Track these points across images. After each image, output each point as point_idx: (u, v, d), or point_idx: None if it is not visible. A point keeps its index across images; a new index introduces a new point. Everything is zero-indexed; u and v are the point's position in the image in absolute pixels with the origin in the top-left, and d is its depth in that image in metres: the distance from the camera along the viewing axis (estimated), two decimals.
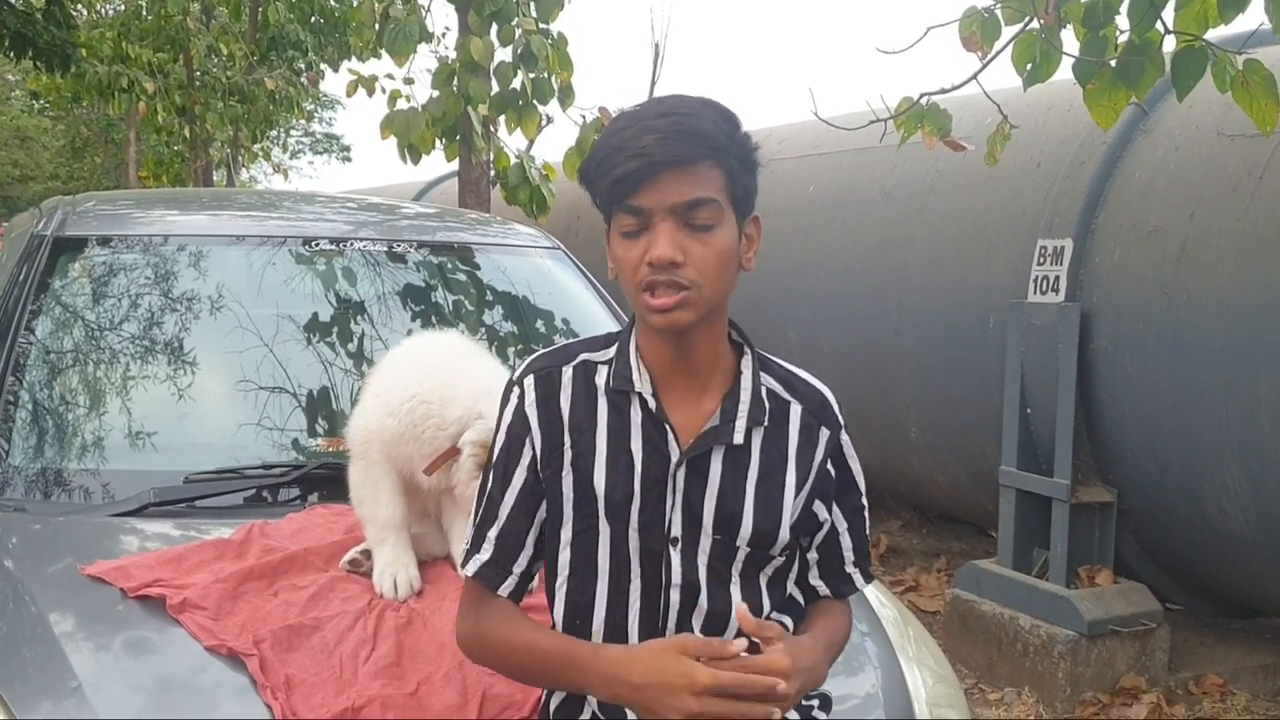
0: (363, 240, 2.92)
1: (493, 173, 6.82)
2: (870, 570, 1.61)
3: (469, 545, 1.52)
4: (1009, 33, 3.21)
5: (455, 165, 6.88)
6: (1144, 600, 4.11)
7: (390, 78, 6.82)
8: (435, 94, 6.32)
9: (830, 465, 1.51)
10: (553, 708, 1.53)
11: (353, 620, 1.77)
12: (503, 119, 6.43)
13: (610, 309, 3.05)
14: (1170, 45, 3.08)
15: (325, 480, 2.28)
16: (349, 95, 6.95)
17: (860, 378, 5.21)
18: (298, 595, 1.84)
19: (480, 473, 1.61)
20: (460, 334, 2.28)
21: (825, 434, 1.50)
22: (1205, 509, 3.86)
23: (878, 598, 2.15)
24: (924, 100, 3.52)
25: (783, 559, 1.50)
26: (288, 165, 23.64)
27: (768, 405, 1.47)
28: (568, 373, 1.49)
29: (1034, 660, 4.10)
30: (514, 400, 1.50)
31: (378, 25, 6.23)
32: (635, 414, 1.44)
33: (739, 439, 1.43)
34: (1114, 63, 3.11)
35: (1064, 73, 3.24)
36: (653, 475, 1.42)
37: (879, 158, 5.30)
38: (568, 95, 6.45)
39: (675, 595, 1.43)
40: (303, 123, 23.42)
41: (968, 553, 5.61)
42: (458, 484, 1.87)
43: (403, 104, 6.55)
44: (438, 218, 3.49)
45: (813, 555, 1.55)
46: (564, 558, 1.47)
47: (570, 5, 6.29)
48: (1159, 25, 3.01)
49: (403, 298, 2.79)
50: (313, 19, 12.93)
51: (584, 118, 6.42)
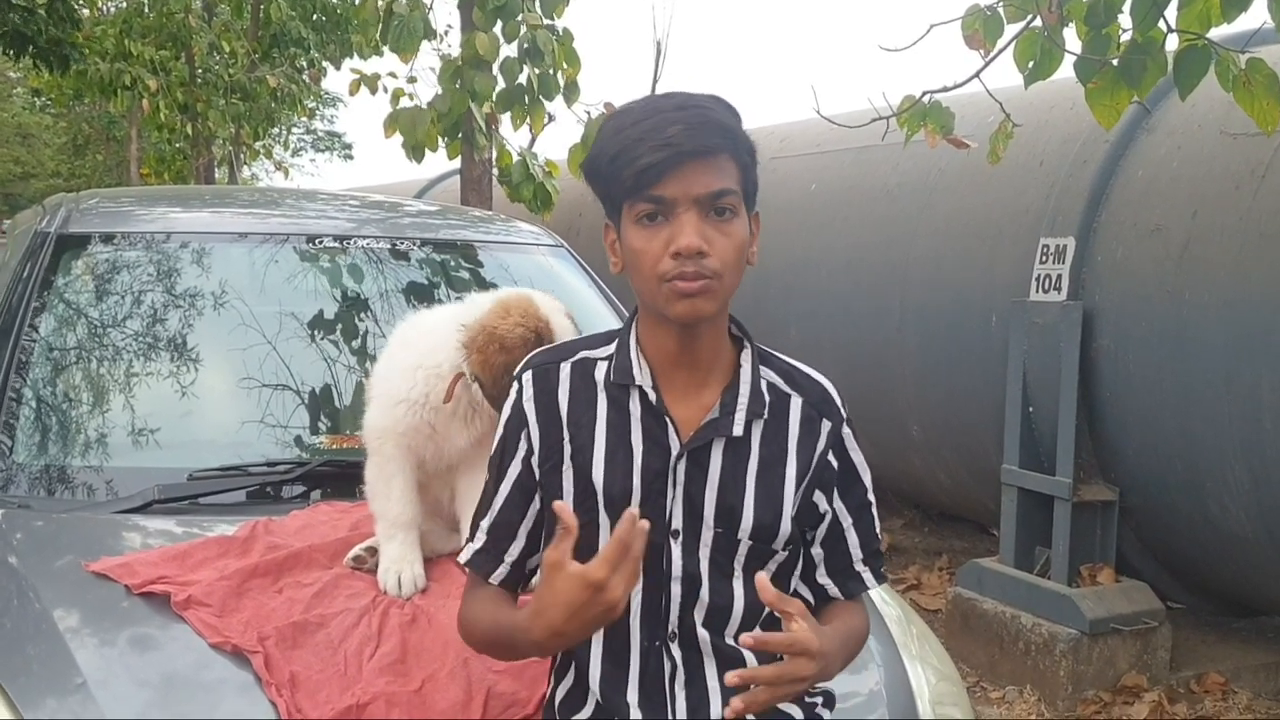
0: (365, 238, 2.93)
1: (495, 170, 6.82)
2: (882, 569, 1.58)
3: (467, 535, 1.55)
4: (1011, 31, 3.21)
5: (458, 163, 6.87)
6: (1146, 599, 4.11)
7: (393, 76, 6.81)
8: (440, 91, 6.31)
9: (832, 457, 1.50)
10: (556, 702, 1.54)
11: (357, 617, 1.77)
12: (508, 116, 6.43)
13: (613, 306, 3.05)
14: (1173, 44, 3.08)
15: (329, 477, 2.29)
16: (351, 94, 6.94)
17: (862, 376, 5.20)
18: (302, 592, 1.84)
19: (490, 378, 1.64)
20: (440, 306, 2.27)
21: (827, 425, 1.50)
22: (1207, 507, 3.86)
23: (880, 596, 2.14)
24: (926, 98, 3.52)
25: (785, 553, 1.49)
26: (289, 163, 23.66)
27: (768, 398, 1.47)
28: (566, 369, 1.50)
29: (1036, 659, 4.10)
30: (512, 395, 1.51)
31: (381, 22, 6.22)
32: (635, 408, 1.45)
33: (738, 431, 1.43)
34: (1116, 61, 3.11)
35: (1066, 71, 3.24)
36: (653, 469, 1.43)
37: (881, 156, 5.30)
38: (573, 91, 6.45)
39: (677, 588, 1.44)
40: (305, 120, 23.41)
41: (969, 551, 5.61)
42: (484, 407, 1.89)
43: (406, 102, 6.55)
44: (440, 215, 3.49)
45: (818, 551, 1.53)
46: None
47: (573, 2, 6.28)
48: (1161, 24, 3.01)
49: (405, 295, 2.79)
50: (315, 16, 12.93)
51: (589, 113, 6.41)
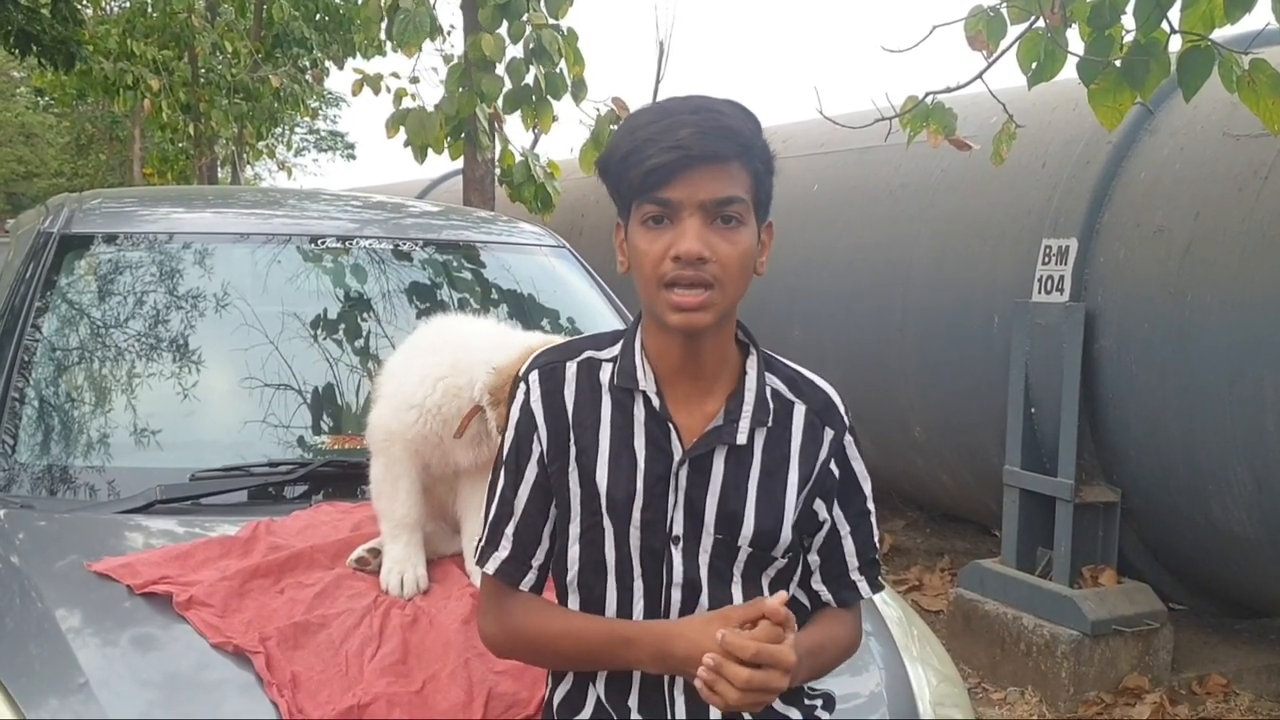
0: (368, 238, 2.93)
1: (498, 170, 6.82)
2: (879, 578, 1.57)
3: (484, 542, 1.51)
4: (1014, 32, 3.20)
5: (460, 163, 6.88)
6: (1147, 600, 4.11)
7: (395, 76, 6.82)
8: (446, 94, 6.31)
9: (834, 465, 1.49)
10: (555, 703, 1.54)
11: (358, 618, 1.77)
12: (514, 116, 6.43)
13: (615, 307, 3.05)
14: (1176, 45, 3.07)
15: (331, 477, 2.29)
16: (354, 94, 6.95)
17: (864, 376, 5.20)
18: (304, 593, 1.84)
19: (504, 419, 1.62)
20: (462, 315, 2.27)
21: (829, 434, 1.49)
22: (1209, 509, 3.85)
23: (881, 597, 2.14)
24: (929, 99, 3.52)
25: (785, 560, 1.49)
26: (292, 163, 23.68)
27: (772, 405, 1.46)
28: (571, 368, 1.48)
29: (1037, 660, 4.10)
30: (520, 396, 1.50)
31: (385, 18, 6.23)
32: (639, 412, 1.44)
33: (742, 439, 1.42)
34: (1119, 62, 3.11)
35: (1069, 72, 3.23)
36: (655, 474, 1.42)
37: (883, 156, 5.30)
38: (580, 90, 6.45)
39: (677, 594, 1.43)
40: (307, 120, 23.41)
41: (971, 552, 5.61)
42: (494, 438, 1.87)
43: (409, 102, 6.55)
44: (442, 215, 3.49)
45: (814, 558, 1.52)
46: (573, 553, 1.47)
47: (577, 2, 6.29)
48: (1165, 25, 3.00)
49: (408, 295, 2.80)
50: (317, 16, 12.95)
51: (598, 110, 6.42)
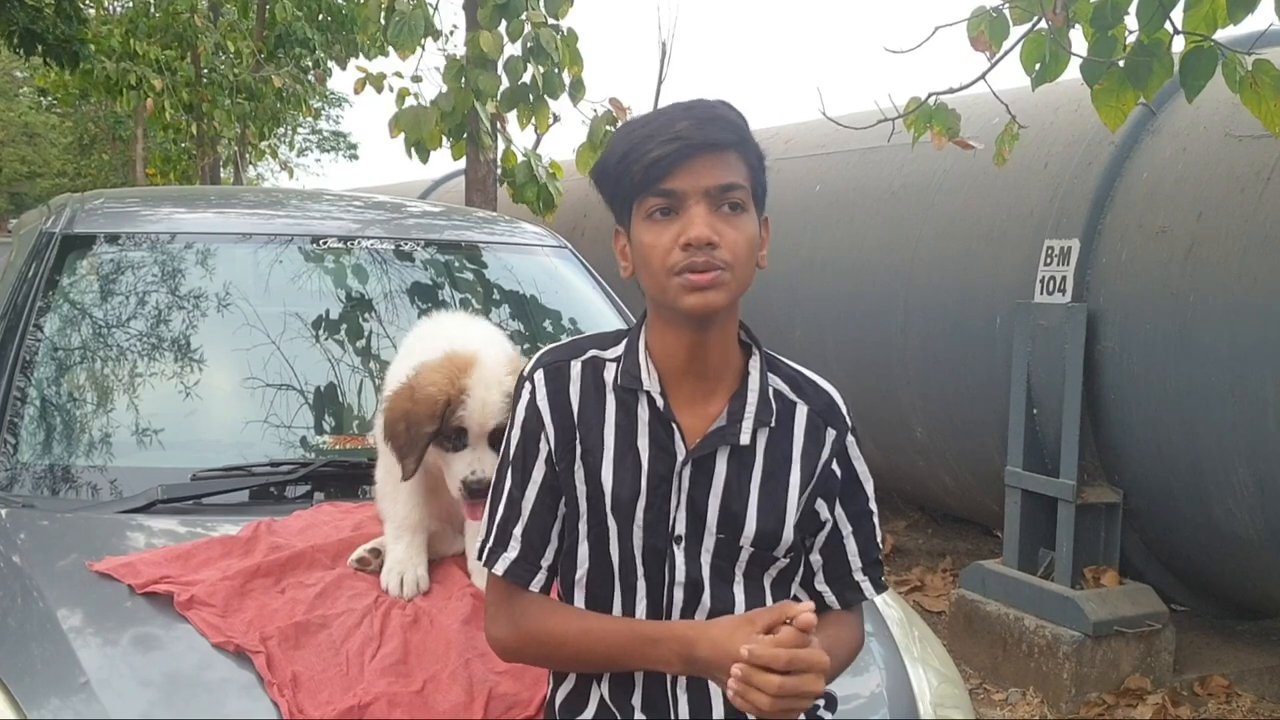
0: (370, 238, 2.93)
1: (499, 171, 6.83)
2: (883, 579, 1.57)
3: (492, 543, 1.49)
4: (1017, 33, 3.21)
5: (462, 163, 6.88)
6: (1149, 601, 4.10)
7: (398, 75, 6.83)
8: (444, 89, 6.31)
9: (835, 466, 1.50)
10: (558, 703, 1.54)
11: (359, 618, 1.77)
12: (513, 115, 6.43)
13: (616, 308, 3.05)
14: (1179, 46, 3.07)
15: (332, 477, 2.30)
16: (357, 93, 6.95)
17: (866, 377, 5.20)
18: (305, 593, 1.84)
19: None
20: (459, 313, 2.24)
21: (831, 434, 1.50)
22: (1211, 510, 3.85)
23: (883, 598, 2.14)
24: (932, 100, 3.52)
25: (787, 560, 1.49)
26: (295, 163, 23.73)
27: (775, 406, 1.47)
28: (576, 367, 1.49)
29: (1039, 661, 4.10)
30: (525, 395, 1.49)
31: (383, 19, 6.23)
32: (643, 412, 1.44)
33: (745, 439, 1.43)
34: (1122, 63, 3.11)
35: (1072, 73, 3.23)
36: (658, 474, 1.42)
37: (886, 157, 5.30)
38: (578, 90, 6.45)
39: (679, 594, 1.44)
40: (310, 120, 23.45)
41: (973, 553, 5.60)
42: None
43: (411, 102, 6.55)
44: (444, 216, 3.50)
45: (816, 559, 1.53)
46: (582, 552, 1.47)
47: (578, 2, 6.30)
48: (1168, 25, 3.00)
49: (409, 296, 2.80)
50: (320, 16, 12.96)
51: (595, 111, 6.42)
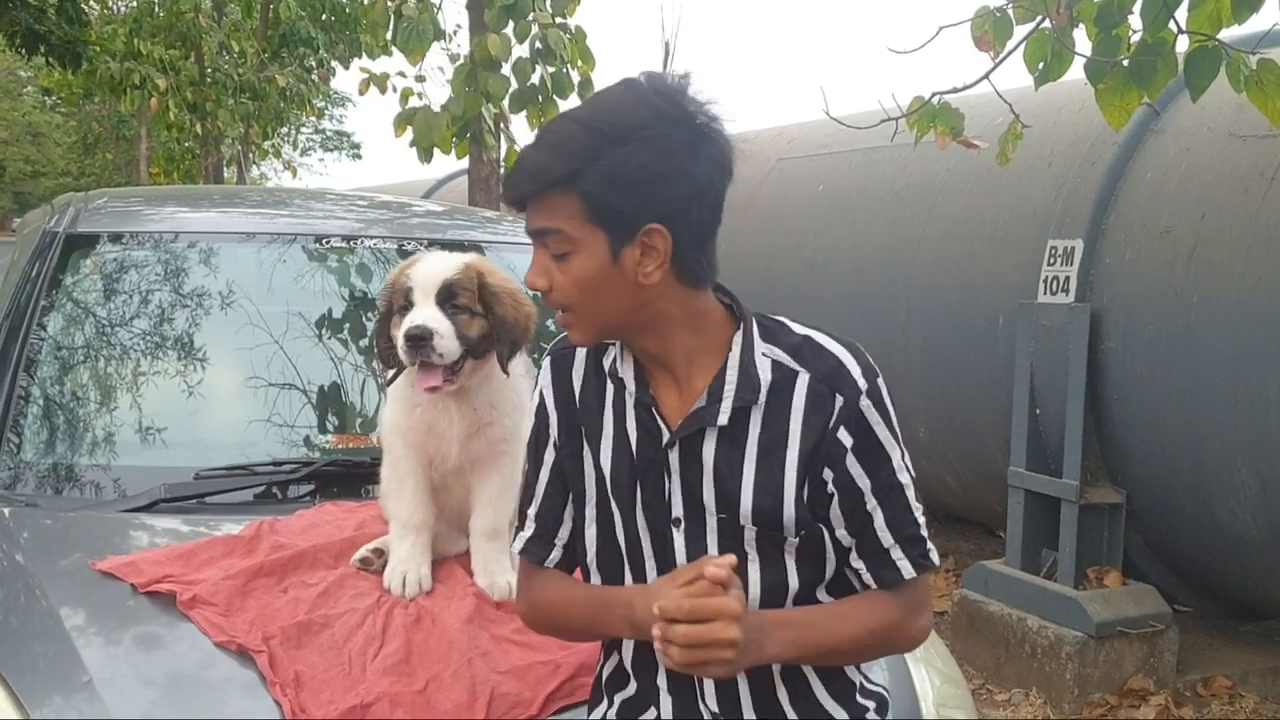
0: (372, 238, 2.93)
1: (503, 170, 6.82)
2: (926, 557, 1.43)
3: (516, 524, 1.60)
4: (1021, 32, 3.20)
5: (466, 163, 6.87)
6: (1152, 602, 4.10)
7: (402, 75, 6.82)
8: (453, 94, 6.30)
9: (844, 433, 1.39)
10: (604, 679, 1.57)
11: (361, 617, 1.77)
12: (520, 116, 6.43)
13: None
14: (1183, 45, 3.07)
15: (335, 477, 2.30)
16: (361, 94, 6.94)
17: None
18: (307, 592, 1.84)
19: None
20: None
21: (839, 400, 1.39)
22: (1214, 510, 3.85)
23: None
24: (935, 99, 3.51)
25: (798, 537, 1.42)
26: (298, 162, 23.75)
27: (766, 379, 1.40)
28: (582, 354, 1.51)
29: (1042, 661, 4.09)
30: (538, 383, 1.54)
31: (391, 23, 6.22)
32: (629, 396, 1.45)
33: (723, 420, 1.39)
34: (1126, 63, 3.10)
35: (1075, 72, 3.23)
36: (647, 456, 1.43)
37: (889, 157, 5.29)
38: (588, 89, 6.45)
39: None
40: (313, 120, 23.47)
41: (976, 553, 5.60)
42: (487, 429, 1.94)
43: (415, 102, 6.55)
44: (447, 215, 3.50)
45: (844, 535, 1.43)
46: (589, 534, 1.50)
47: (583, 2, 6.29)
48: (1172, 25, 3.00)
49: None
50: (324, 16, 12.97)
51: None
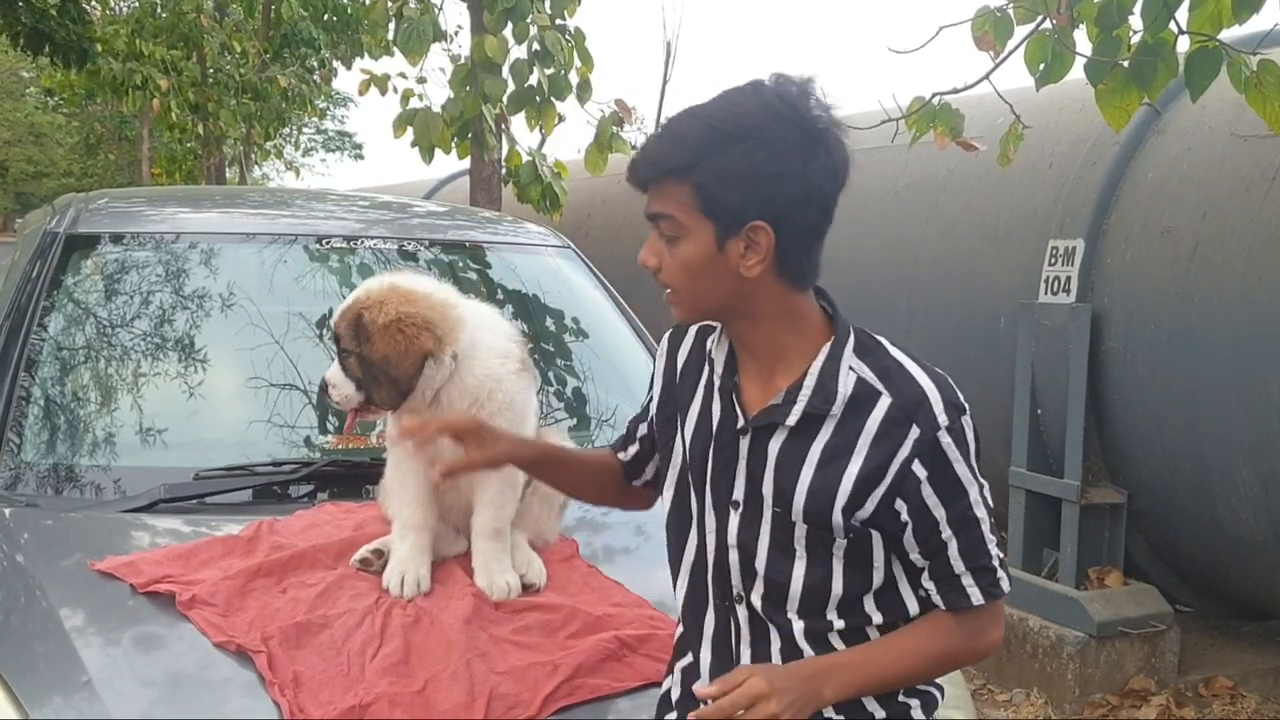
0: (374, 238, 2.94)
1: (504, 170, 6.83)
2: (996, 585, 1.47)
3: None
4: (1021, 33, 3.20)
5: (467, 163, 6.88)
6: (1154, 602, 4.09)
7: (403, 76, 6.83)
8: (452, 95, 6.31)
9: (918, 466, 1.42)
10: (674, 643, 1.66)
11: (360, 618, 1.77)
12: (520, 116, 6.44)
13: (619, 307, 3.05)
14: (1184, 46, 3.06)
15: (334, 477, 2.30)
16: (362, 94, 6.96)
17: None
18: (306, 592, 1.85)
19: None
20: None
21: (914, 432, 1.41)
22: (1216, 511, 3.84)
23: None
24: (936, 100, 3.51)
25: (847, 540, 1.45)
26: (300, 163, 23.77)
27: (846, 392, 1.43)
28: (693, 331, 1.62)
29: (1043, 661, 4.09)
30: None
31: (391, 24, 6.23)
32: (718, 379, 1.54)
33: (792, 421, 1.45)
34: (1127, 63, 3.10)
35: (1076, 73, 3.23)
36: (723, 439, 1.51)
37: (889, 157, 5.28)
38: (585, 90, 6.45)
39: (734, 556, 1.50)
40: (315, 120, 23.50)
41: None
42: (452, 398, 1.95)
43: (415, 102, 6.56)
44: (449, 216, 3.50)
45: (917, 559, 1.47)
46: (669, 494, 1.60)
47: (583, 2, 6.29)
48: (1172, 25, 3.00)
49: None
50: (325, 16, 12.99)
51: (603, 111, 6.43)
